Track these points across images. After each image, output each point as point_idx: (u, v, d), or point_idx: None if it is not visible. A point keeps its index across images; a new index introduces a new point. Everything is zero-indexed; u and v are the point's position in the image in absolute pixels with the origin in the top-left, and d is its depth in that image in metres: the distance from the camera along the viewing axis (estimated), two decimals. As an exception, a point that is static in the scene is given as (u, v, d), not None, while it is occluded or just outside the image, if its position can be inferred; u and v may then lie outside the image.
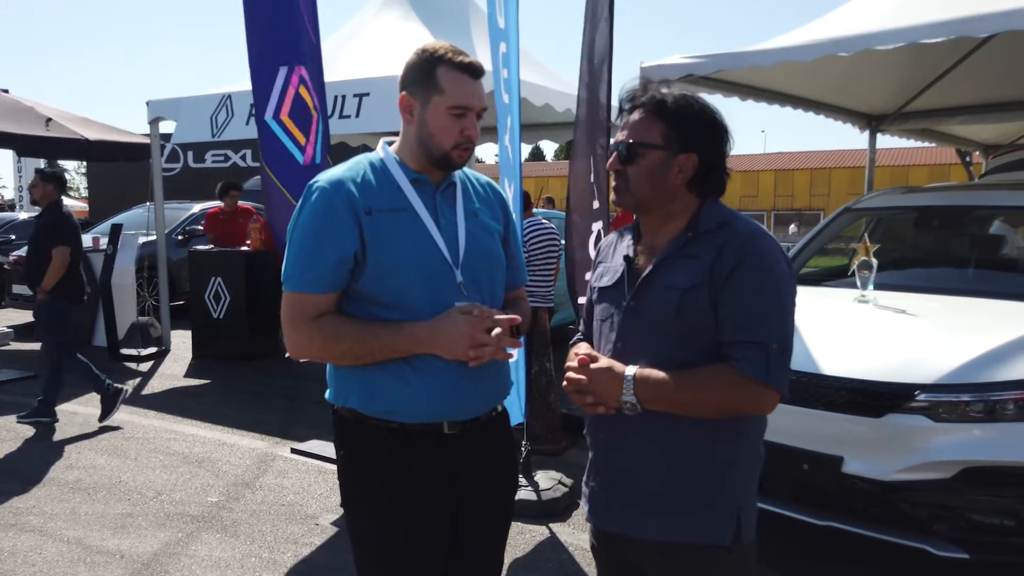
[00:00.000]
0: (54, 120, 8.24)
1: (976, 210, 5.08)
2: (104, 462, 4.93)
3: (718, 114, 1.67)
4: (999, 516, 2.91)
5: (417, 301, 1.75)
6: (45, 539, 3.82)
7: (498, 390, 1.93)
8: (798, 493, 3.26)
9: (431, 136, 1.79)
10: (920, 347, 3.25)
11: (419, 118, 1.80)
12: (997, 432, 2.93)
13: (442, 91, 1.77)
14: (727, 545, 1.60)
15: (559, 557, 3.63)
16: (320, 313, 1.77)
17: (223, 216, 8.68)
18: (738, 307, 1.55)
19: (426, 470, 1.80)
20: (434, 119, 1.78)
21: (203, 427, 5.71)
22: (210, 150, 19.26)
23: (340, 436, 1.89)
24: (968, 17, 3.82)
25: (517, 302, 2.04)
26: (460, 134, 1.78)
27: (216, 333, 8.07)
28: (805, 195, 37.90)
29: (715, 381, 1.55)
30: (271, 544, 3.77)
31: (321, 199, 1.76)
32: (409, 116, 1.82)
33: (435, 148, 1.79)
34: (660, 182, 1.65)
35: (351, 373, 1.81)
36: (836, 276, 4.75)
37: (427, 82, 1.78)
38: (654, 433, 1.62)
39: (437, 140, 1.79)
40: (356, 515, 1.87)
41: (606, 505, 1.73)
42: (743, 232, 1.61)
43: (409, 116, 1.82)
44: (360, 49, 7.19)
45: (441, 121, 1.77)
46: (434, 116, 1.78)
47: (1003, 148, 9.00)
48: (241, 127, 7.25)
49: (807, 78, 5.87)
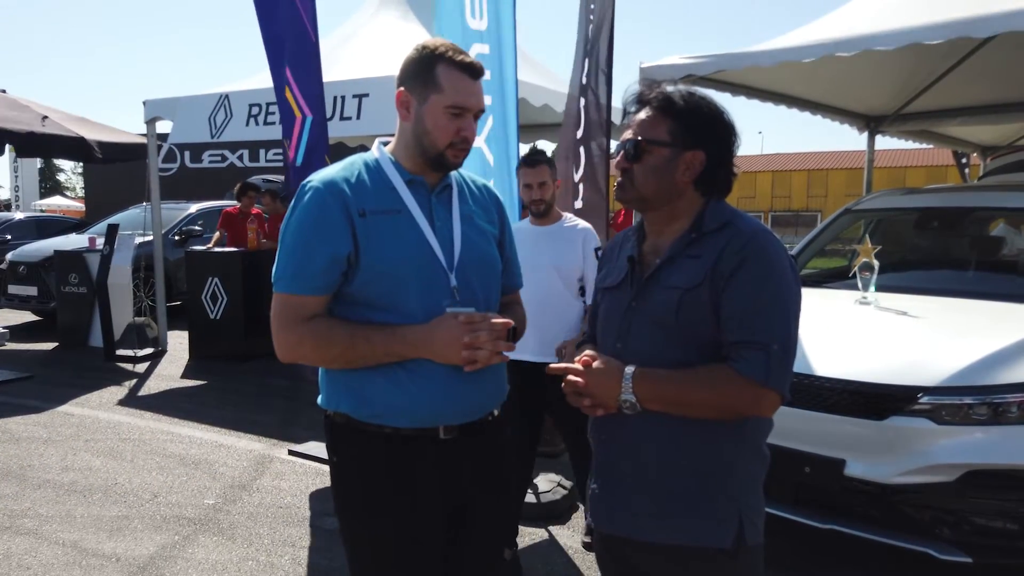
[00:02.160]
0: (50, 119, 8.21)
1: (977, 211, 5.07)
2: (100, 464, 4.90)
3: (725, 112, 1.66)
4: (1002, 520, 2.89)
5: (410, 305, 1.73)
6: (40, 542, 3.79)
7: (494, 394, 1.90)
8: (800, 496, 3.24)
9: (426, 134, 1.76)
10: (922, 349, 3.24)
11: (416, 115, 1.77)
12: (1000, 435, 2.91)
13: (441, 89, 1.74)
14: (728, 548, 1.58)
15: (559, 560, 3.61)
16: (311, 315, 1.74)
17: (240, 216, 8.67)
18: (739, 307, 1.54)
19: (421, 476, 1.77)
20: (431, 117, 1.75)
21: (200, 428, 5.69)
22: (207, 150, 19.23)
23: (332, 442, 1.86)
24: (968, 18, 3.82)
25: (513, 306, 2.02)
26: (456, 134, 1.76)
27: (213, 334, 8.05)
28: (802, 196, 37.97)
29: (714, 381, 1.54)
30: (268, 547, 3.74)
31: (314, 199, 1.72)
32: (405, 112, 1.79)
33: (430, 147, 1.77)
34: (666, 179, 1.64)
35: (343, 377, 1.78)
36: (837, 277, 4.74)
37: (426, 79, 1.75)
38: (655, 434, 1.61)
39: (432, 138, 1.76)
40: (349, 523, 1.84)
41: (608, 507, 1.71)
42: (746, 231, 1.59)
43: (405, 112, 1.79)
44: (359, 49, 7.17)
45: (438, 120, 1.75)
46: (431, 114, 1.75)
47: (1002, 149, 9.02)
48: (240, 128, 7.22)
49: (806, 79, 5.87)
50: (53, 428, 5.65)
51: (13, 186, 31.41)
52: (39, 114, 8.11)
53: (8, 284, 9.99)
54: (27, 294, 9.85)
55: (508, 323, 1.73)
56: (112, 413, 6.07)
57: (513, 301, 2.04)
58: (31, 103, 8.52)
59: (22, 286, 9.84)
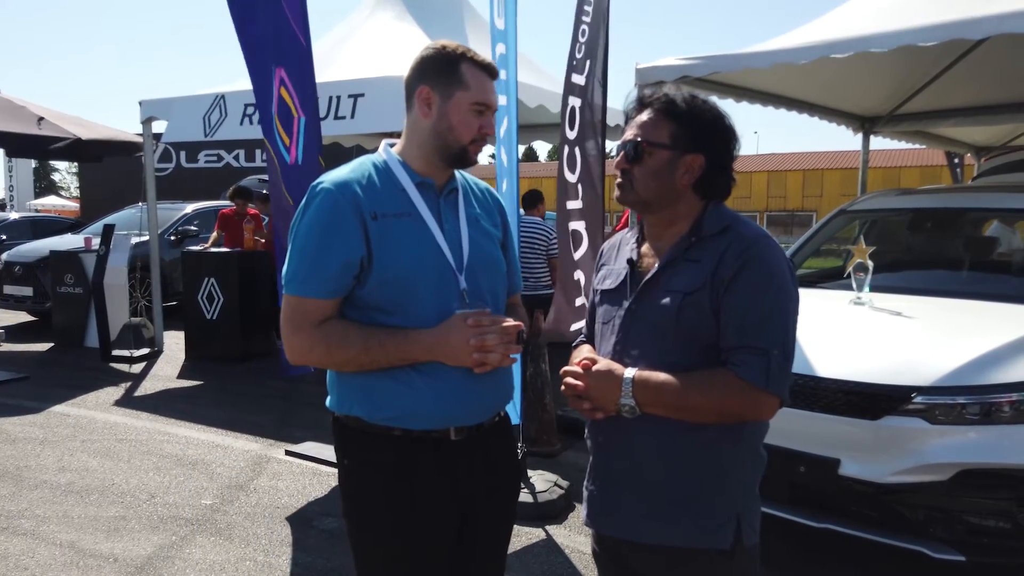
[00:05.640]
0: (46, 119, 8.20)
1: (971, 212, 5.09)
2: (97, 464, 4.90)
3: (726, 116, 1.67)
4: (995, 519, 2.91)
5: (422, 308, 1.72)
6: (38, 542, 3.79)
7: (503, 395, 1.91)
8: (795, 495, 3.26)
9: (451, 130, 1.77)
10: (917, 349, 3.26)
11: (438, 111, 1.78)
12: (993, 434, 2.93)
13: (467, 87, 1.76)
14: (727, 549, 1.59)
15: (555, 559, 3.62)
16: (323, 318, 1.73)
17: (236, 217, 8.67)
18: (740, 312, 1.55)
19: (431, 479, 1.77)
20: (456, 113, 1.77)
21: (196, 429, 5.68)
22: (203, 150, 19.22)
23: (343, 445, 1.85)
24: (962, 20, 3.84)
25: (515, 308, 2.02)
26: (478, 130, 1.79)
27: (209, 334, 8.03)
28: (798, 196, 37.99)
29: (715, 385, 1.54)
30: (266, 547, 3.75)
31: (327, 201, 1.71)
32: (427, 109, 1.79)
33: (453, 142, 1.78)
34: (666, 182, 1.65)
35: (354, 380, 1.77)
36: (831, 278, 4.76)
37: (451, 77, 1.77)
38: (653, 436, 1.62)
39: (457, 134, 1.77)
40: (359, 527, 1.83)
41: (606, 509, 1.72)
42: (747, 236, 1.60)
43: (427, 109, 1.79)
44: (354, 50, 7.17)
45: (463, 115, 1.77)
46: (456, 110, 1.77)
47: (995, 150, 9.06)
48: (235, 127, 7.22)
49: (801, 80, 5.89)
50: (49, 429, 5.65)
51: (8, 186, 31.31)
52: (35, 115, 8.10)
53: (3, 284, 9.95)
54: (23, 294, 9.82)
55: (519, 326, 1.74)
56: (108, 414, 6.07)
57: (514, 303, 2.04)
58: (27, 103, 8.51)
59: (18, 286, 9.81)
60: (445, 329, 1.70)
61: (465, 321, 1.70)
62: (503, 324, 1.72)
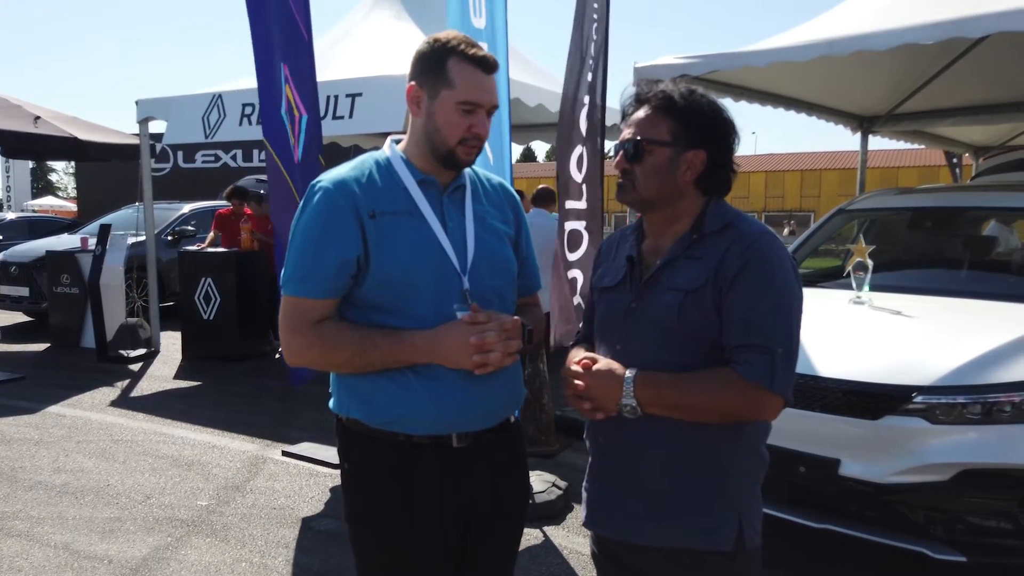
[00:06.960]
0: (42, 119, 8.17)
1: (970, 211, 5.08)
2: (92, 465, 4.88)
3: (725, 110, 1.64)
4: (996, 519, 2.90)
5: (422, 309, 1.68)
6: (32, 544, 3.76)
7: (512, 399, 1.84)
8: (795, 495, 3.24)
9: (437, 131, 1.70)
10: (917, 349, 3.25)
11: (426, 111, 1.72)
12: (994, 434, 2.92)
13: (452, 84, 1.68)
14: (729, 551, 1.57)
15: (553, 561, 3.60)
16: (320, 319, 1.69)
17: (233, 217, 8.66)
18: (743, 310, 1.52)
19: (433, 486, 1.72)
20: (441, 113, 1.69)
21: (193, 429, 5.66)
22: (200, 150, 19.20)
23: (344, 448, 1.81)
24: (960, 19, 3.83)
25: (530, 308, 1.95)
26: (467, 130, 1.69)
27: (206, 334, 8.01)
28: (796, 196, 38.08)
29: (717, 384, 1.52)
30: (262, 548, 3.73)
31: (324, 200, 1.68)
32: (416, 108, 1.74)
33: (440, 144, 1.71)
34: (668, 180, 1.62)
35: (353, 381, 1.73)
36: (831, 277, 4.74)
37: (437, 74, 1.69)
38: (653, 437, 1.59)
39: (443, 135, 1.70)
40: (361, 531, 1.80)
41: (605, 510, 1.70)
42: (749, 234, 1.57)
43: (416, 108, 1.74)
44: (352, 49, 7.16)
45: (448, 116, 1.69)
46: (441, 110, 1.69)
47: (994, 150, 9.07)
48: (233, 128, 7.19)
49: (800, 79, 5.89)
50: (45, 429, 5.62)
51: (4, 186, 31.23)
52: (31, 114, 8.07)
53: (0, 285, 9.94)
54: (19, 295, 9.79)
55: (516, 321, 1.69)
56: (104, 414, 6.04)
57: (530, 303, 1.97)
58: (23, 103, 8.48)
59: (14, 287, 9.79)
60: (442, 330, 1.65)
61: (464, 321, 1.65)
62: (500, 320, 1.66)
